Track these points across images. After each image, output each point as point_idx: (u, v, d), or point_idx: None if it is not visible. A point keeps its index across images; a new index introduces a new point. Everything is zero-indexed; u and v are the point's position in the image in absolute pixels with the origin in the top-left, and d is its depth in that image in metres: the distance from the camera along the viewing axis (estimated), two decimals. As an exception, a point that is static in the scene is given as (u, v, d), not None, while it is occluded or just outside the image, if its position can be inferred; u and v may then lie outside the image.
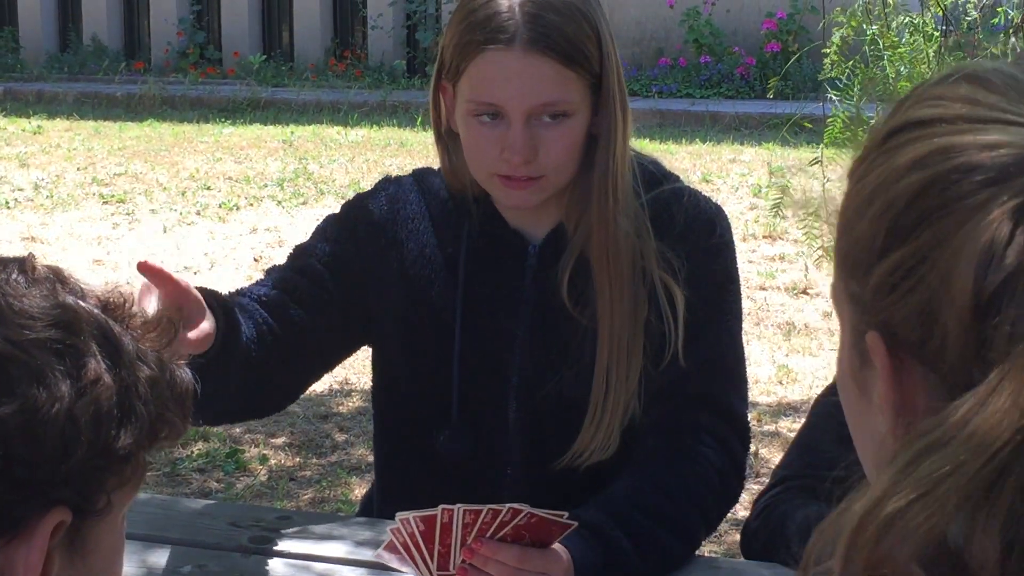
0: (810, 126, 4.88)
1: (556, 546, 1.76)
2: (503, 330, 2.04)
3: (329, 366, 2.16)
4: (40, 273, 1.07)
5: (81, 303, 1.06)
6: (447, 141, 2.04)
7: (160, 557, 1.96)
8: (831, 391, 2.10)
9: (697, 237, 2.02)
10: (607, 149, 1.95)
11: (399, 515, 1.66)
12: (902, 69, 3.74)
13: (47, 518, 1.01)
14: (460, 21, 1.94)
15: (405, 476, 1.64)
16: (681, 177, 2.11)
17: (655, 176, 2.05)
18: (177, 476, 4.52)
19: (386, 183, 2.14)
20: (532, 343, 2.02)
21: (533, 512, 1.66)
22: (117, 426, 1.03)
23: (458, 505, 1.65)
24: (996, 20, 4.09)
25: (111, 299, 1.10)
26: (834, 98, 3.84)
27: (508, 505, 1.65)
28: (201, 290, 1.81)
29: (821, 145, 4.08)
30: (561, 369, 2.00)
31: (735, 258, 2.09)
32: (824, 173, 4.19)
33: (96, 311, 1.07)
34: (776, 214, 4.03)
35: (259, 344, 1.96)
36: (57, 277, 1.07)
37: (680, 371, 1.98)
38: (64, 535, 1.03)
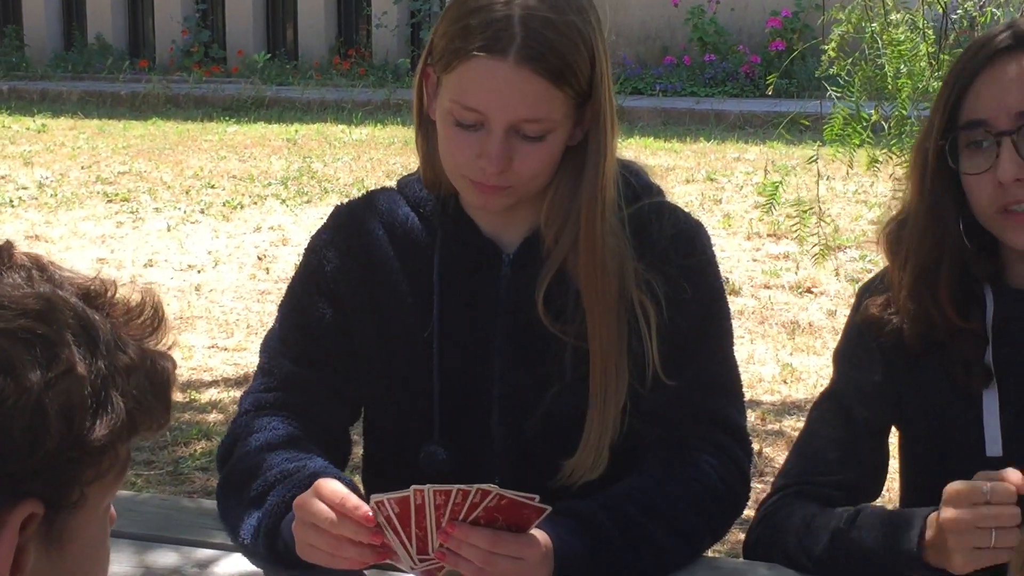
0: (807, 124, 4.87)
1: (535, 532, 1.74)
2: (481, 342, 2.01)
3: (360, 408, 2.16)
4: (17, 261, 1.05)
5: (58, 291, 1.04)
6: (427, 128, 2.01)
7: (162, 557, 1.95)
8: (827, 396, 2.09)
9: (679, 256, 2.00)
10: (596, 167, 1.93)
11: (373, 497, 1.67)
12: (901, 67, 3.72)
13: (17, 510, 0.99)
14: (457, 19, 1.91)
15: (390, 488, 1.64)
16: (664, 190, 2.09)
17: (635, 190, 2.03)
18: (179, 475, 4.52)
19: (338, 214, 2.10)
20: (511, 354, 2.00)
21: (502, 494, 1.66)
22: (92, 417, 1.02)
23: (428, 485, 1.65)
24: (984, 20, 4.07)
25: (92, 287, 1.08)
26: (834, 96, 3.81)
27: (476, 486, 1.65)
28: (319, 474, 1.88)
29: (817, 143, 4.06)
30: (543, 381, 1.98)
31: (719, 273, 2.08)
32: (820, 171, 4.17)
33: (74, 299, 1.05)
34: (768, 211, 4.01)
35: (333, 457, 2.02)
36: (35, 265, 1.05)
37: (678, 390, 1.97)
38: (39, 527, 1.01)
